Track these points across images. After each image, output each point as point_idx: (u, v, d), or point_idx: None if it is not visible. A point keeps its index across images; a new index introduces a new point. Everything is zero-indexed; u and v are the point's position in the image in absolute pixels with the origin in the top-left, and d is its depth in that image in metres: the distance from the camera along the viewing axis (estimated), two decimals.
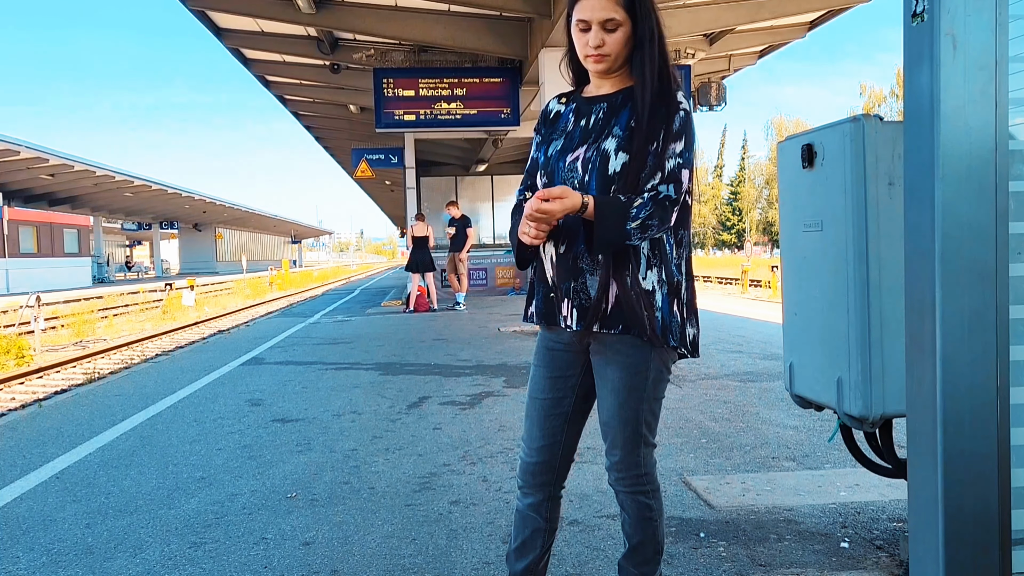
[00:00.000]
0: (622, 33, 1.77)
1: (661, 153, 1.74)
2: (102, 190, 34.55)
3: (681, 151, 1.74)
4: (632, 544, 1.94)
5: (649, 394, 1.85)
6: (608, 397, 1.86)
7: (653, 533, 1.92)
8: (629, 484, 1.90)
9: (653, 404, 1.87)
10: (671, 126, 1.75)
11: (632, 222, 1.68)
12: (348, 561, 2.60)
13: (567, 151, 1.84)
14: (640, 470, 1.89)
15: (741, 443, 3.98)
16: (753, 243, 72.10)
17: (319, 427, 4.56)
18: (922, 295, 1.47)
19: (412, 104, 12.42)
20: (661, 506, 1.95)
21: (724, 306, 13.41)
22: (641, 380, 1.82)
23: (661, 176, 1.73)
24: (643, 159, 1.75)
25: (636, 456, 1.88)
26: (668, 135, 1.74)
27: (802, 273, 2.49)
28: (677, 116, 1.75)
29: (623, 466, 1.89)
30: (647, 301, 1.76)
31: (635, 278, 1.76)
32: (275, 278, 34.76)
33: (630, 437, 1.86)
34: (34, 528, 2.97)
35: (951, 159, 1.41)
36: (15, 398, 8.88)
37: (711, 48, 12.78)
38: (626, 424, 1.85)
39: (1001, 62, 1.41)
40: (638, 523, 1.91)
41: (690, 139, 1.77)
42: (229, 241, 62.56)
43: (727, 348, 7.57)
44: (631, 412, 1.84)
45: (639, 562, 1.94)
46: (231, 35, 12.61)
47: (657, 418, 1.91)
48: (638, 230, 1.69)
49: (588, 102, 1.88)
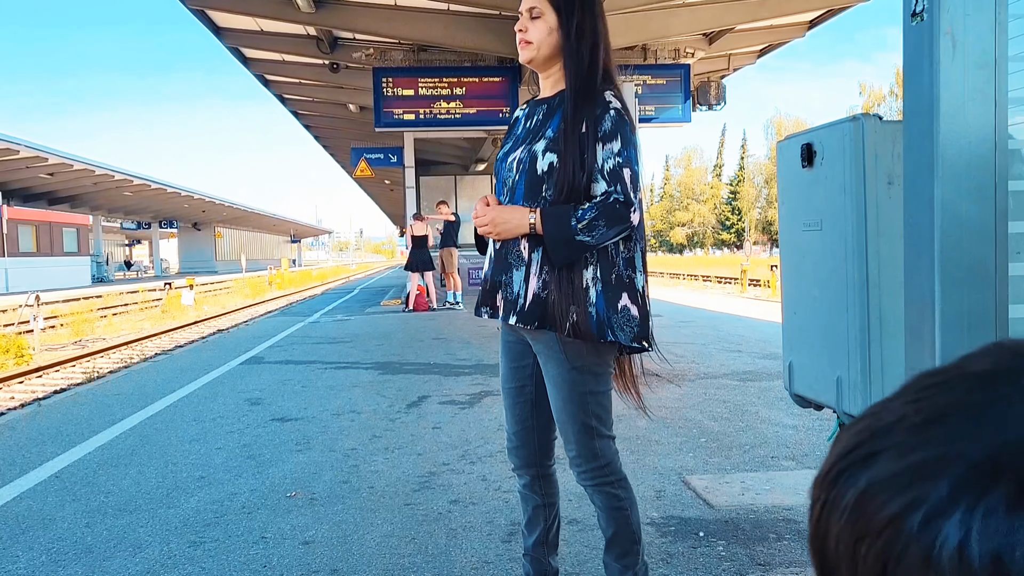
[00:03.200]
0: (544, 23, 1.82)
1: (595, 155, 1.75)
2: (101, 189, 34.53)
3: (619, 150, 1.75)
4: (608, 537, 1.95)
5: (590, 387, 1.86)
6: (553, 393, 1.89)
7: (626, 523, 1.92)
8: (591, 477, 1.91)
9: (599, 397, 1.88)
10: (602, 127, 1.76)
11: (579, 223, 1.70)
12: (347, 560, 2.60)
13: (510, 152, 1.91)
14: (599, 462, 1.90)
15: (740, 442, 3.98)
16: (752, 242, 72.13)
17: (318, 426, 4.56)
18: (921, 294, 1.47)
19: (411, 103, 12.41)
20: (631, 495, 1.95)
21: (723, 305, 13.41)
22: (578, 374, 1.84)
23: (603, 179, 1.74)
24: (570, 160, 1.76)
25: (592, 449, 1.89)
26: (603, 136, 1.75)
27: (801, 272, 2.49)
28: (607, 116, 1.76)
29: (580, 460, 1.91)
30: (579, 299, 1.77)
31: (566, 275, 1.77)
32: (274, 277, 34.74)
33: (581, 430, 1.88)
34: (34, 527, 2.97)
35: (950, 158, 1.41)
36: (14, 397, 8.88)
37: (711, 47, 12.79)
38: (574, 419, 1.87)
39: (1000, 61, 1.41)
40: (610, 515, 1.92)
41: (626, 137, 1.76)
42: (228, 240, 62.52)
43: (726, 347, 7.57)
44: (576, 406, 1.86)
45: (619, 554, 1.94)
46: (230, 34, 12.60)
47: (607, 410, 1.91)
48: (586, 231, 1.70)
49: (536, 104, 1.93)
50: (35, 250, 29.77)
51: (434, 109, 12.43)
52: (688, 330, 9.19)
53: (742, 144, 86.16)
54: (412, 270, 12.74)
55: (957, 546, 0.27)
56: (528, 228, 1.75)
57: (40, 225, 30.40)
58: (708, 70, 13.98)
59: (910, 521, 0.29)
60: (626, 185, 1.72)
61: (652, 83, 12.48)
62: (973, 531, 0.27)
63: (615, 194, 1.72)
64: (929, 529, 0.28)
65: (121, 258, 60.05)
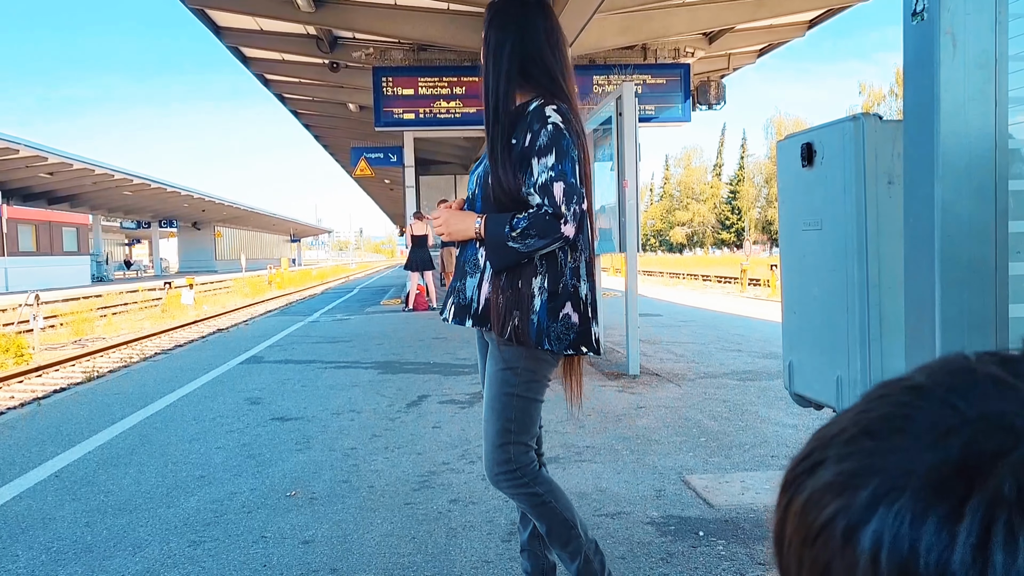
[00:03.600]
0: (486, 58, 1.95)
1: (528, 170, 1.82)
2: (101, 189, 34.51)
3: (552, 164, 1.79)
4: (545, 532, 1.97)
5: (519, 391, 1.90)
6: (485, 391, 1.95)
7: (554, 513, 1.94)
8: (504, 479, 1.93)
9: (525, 402, 1.92)
10: (538, 142, 1.81)
11: (512, 231, 1.78)
12: (347, 559, 2.60)
13: (477, 166, 2.01)
14: (511, 465, 1.92)
15: (740, 442, 3.98)
16: (752, 242, 72.13)
17: (318, 426, 4.56)
18: (921, 293, 1.47)
19: (411, 103, 12.40)
20: (551, 486, 1.97)
21: (723, 305, 13.41)
22: (509, 376, 1.90)
23: (535, 193, 1.80)
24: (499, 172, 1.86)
25: (505, 452, 1.92)
26: (538, 151, 1.81)
27: (801, 272, 2.49)
28: (544, 131, 1.82)
29: (491, 462, 1.93)
30: (523, 306, 1.84)
31: (514, 284, 1.85)
32: (274, 277, 34.73)
33: (499, 431, 1.91)
34: (33, 526, 2.97)
35: (950, 158, 1.41)
36: (14, 397, 8.88)
37: (710, 47, 12.79)
38: (497, 417, 1.91)
39: (1000, 61, 1.41)
40: (536, 512, 1.95)
41: (561, 151, 1.80)
42: (228, 240, 62.51)
43: (726, 347, 7.57)
44: (499, 407, 1.91)
45: (562, 544, 1.96)
46: (230, 33, 12.60)
47: (531, 419, 1.94)
48: (519, 238, 1.78)
49: None
50: (35, 249, 29.77)
51: (434, 108, 12.42)
52: (688, 330, 9.19)
53: (742, 143, 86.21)
54: (412, 269, 12.74)
55: (870, 552, 0.29)
56: (474, 232, 1.86)
57: (40, 224, 30.40)
58: (708, 70, 13.97)
59: (835, 529, 0.30)
60: (555, 199, 1.78)
61: (652, 83, 12.47)
62: (884, 538, 0.28)
63: (545, 207, 1.78)
64: (851, 537, 0.30)
65: (121, 257, 60.03)
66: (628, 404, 4.96)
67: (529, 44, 1.91)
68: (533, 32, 1.92)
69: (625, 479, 3.39)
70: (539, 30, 1.93)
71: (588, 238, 1.95)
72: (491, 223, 1.83)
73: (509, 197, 1.85)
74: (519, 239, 1.78)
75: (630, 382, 5.72)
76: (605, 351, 7.19)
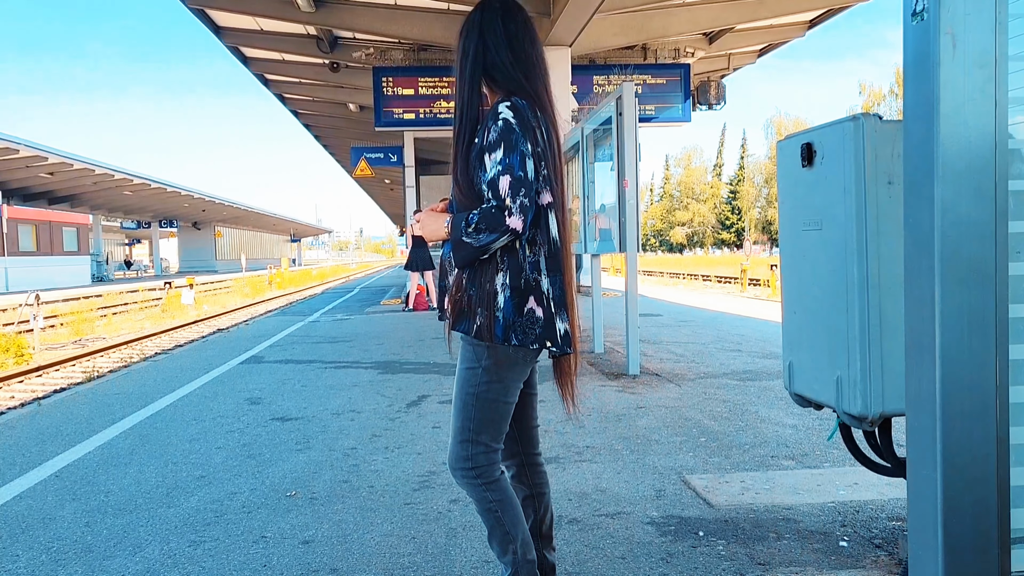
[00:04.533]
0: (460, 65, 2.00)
1: (483, 167, 1.87)
2: (101, 188, 34.54)
3: (500, 159, 1.82)
4: (487, 529, 2.01)
5: (480, 391, 1.94)
6: (454, 390, 2.00)
7: (498, 522, 1.98)
8: (459, 475, 1.99)
9: (487, 403, 1.94)
10: (488, 138, 1.86)
11: (467, 227, 1.82)
12: (347, 559, 2.60)
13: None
14: (467, 464, 1.96)
15: (740, 442, 3.98)
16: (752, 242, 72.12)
17: (318, 426, 4.56)
18: (921, 294, 1.47)
19: (411, 103, 12.40)
20: (505, 497, 1.99)
21: (723, 305, 13.41)
22: (472, 375, 1.94)
23: (487, 187, 1.84)
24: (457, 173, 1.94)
25: (464, 449, 1.96)
26: (488, 147, 1.86)
27: (801, 272, 2.48)
28: (494, 127, 1.86)
29: (452, 456, 1.99)
30: (488, 302, 1.88)
31: (480, 281, 1.89)
32: (274, 276, 34.74)
33: (459, 429, 1.97)
34: (34, 526, 2.97)
35: (950, 158, 1.41)
36: (14, 396, 8.88)
37: (711, 47, 12.80)
38: (458, 415, 1.97)
39: (1001, 61, 1.41)
40: (480, 510, 2.00)
41: (510, 145, 1.83)
42: (228, 240, 62.54)
43: (726, 347, 7.57)
44: (461, 405, 1.96)
45: (498, 546, 2.00)
46: (230, 33, 12.61)
47: (492, 420, 1.96)
48: (473, 233, 1.82)
49: None
50: (35, 249, 29.77)
51: (434, 108, 12.42)
52: (688, 329, 9.19)
53: (742, 143, 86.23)
54: (412, 269, 12.74)
55: None
56: (444, 233, 1.91)
57: (40, 224, 30.40)
58: (708, 69, 13.99)
59: None
60: (499, 193, 1.80)
61: (652, 82, 12.48)
62: None
63: (492, 200, 1.81)
64: None
65: (121, 257, 60.03)
66: (628, 404, 4.96)
67: (491, 47, 1.97)
68: (493, 36, 1.97)
69: (625, 479, 3.39)
70: (499, 33, 1.98)
71: (551, 232, 1.95)
72: (454, 222, 1.88)
73: (468, 197, 1.91)
74: (473, 234, 1.82)
75: (630, 382, 5.72)
76: (605, 350, 7.20)
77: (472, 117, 1.97)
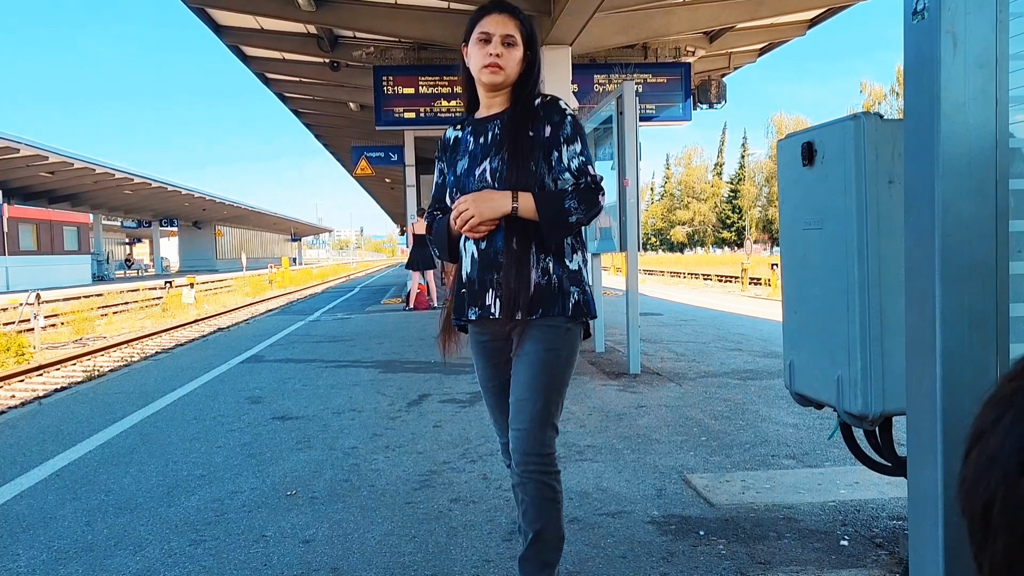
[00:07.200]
0: (518, 52, 2.03)
1: (562, 156, 1.97)
2: (102, 188, 34.51)
3: (581, 150, 1.98)
4: (535, 532, 1.95)
5: (561, 373, 1.97)
6: (523, 373, 1.96)
7: (557, 517, 1.97)
8: (535, 464, 1.95)
9: (562, 388, 1.99)
10: (564, 131, 1.98)
11: (570, 201, 1.89)
12: (348, 559, 2.60)
13: (473, 167, 2.05)
14: (546, 450, 1.97)
15: (741, 441, 3.98)
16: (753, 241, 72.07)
17: (319, 425, 4.56)
18: (922, 293, 1.47)
19: (412, 102, 12.38)
20: (562, 491, 2.02)
21: (724, 304, 13.41)
22: (555, 358, 1.96)
23: (572, 175, 1.95)
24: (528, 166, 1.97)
25: (544, 435, 1.96)
26: (566, 139, 1.97)
27: (802, 271, 2.48)
28: (567, 121, 1.99)
29: (531, 445, 1.94)
30: (575, 280, 1.98)
31: (561, 262, 1.98)
32: (275, 276, 34.74)
33: (539, 413, 1.95)
34: (34, 526, 2.97)
35: (951, 157, 1.41)
36: (15, 396, 8.88)
37: (711, 46, 12.78)
38: (537, 400, 1.94)
39: (1001, 60, 1.41)
40: (542, 506, 1.95)
41: (584, 138, 2.01)
42: (229, 239, 62.55)
43: (727, 346, 7.57)
44: (543, 389, 1.95)
45: (544, 550, 1.96)
46: (231, 32, 12.60)
47: (561, 406, 2.02)
48: (578, 211, 1.89)
49: (482, 123, 2.10)
50: (36, 248, 29.78)
51: (435, 107, 12.41)
52: (689, 329, 9.19)
53: (743, 142, 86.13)
54: (413, 268, 12.73)
55: None
56: (510, 208, 1.90)
57: (41, 223, 30.41)
58: (709, 68, 13.97)
59: None
60: (592, 176, 1.95)
61: (652, 81, 12.46)
62: None
63: (585, 182, 1.93)
64: None
65: (122, 256, 60.01)
66: (629, 403, 4.96)
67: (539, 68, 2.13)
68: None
69: (626, 478, 3.39)
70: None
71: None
72: (544, 200, 1.90)
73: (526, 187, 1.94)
74: (577, 212, 1.88)
75: (631, 381, 5.72)
76: (606, 349, 7.20)
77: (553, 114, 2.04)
